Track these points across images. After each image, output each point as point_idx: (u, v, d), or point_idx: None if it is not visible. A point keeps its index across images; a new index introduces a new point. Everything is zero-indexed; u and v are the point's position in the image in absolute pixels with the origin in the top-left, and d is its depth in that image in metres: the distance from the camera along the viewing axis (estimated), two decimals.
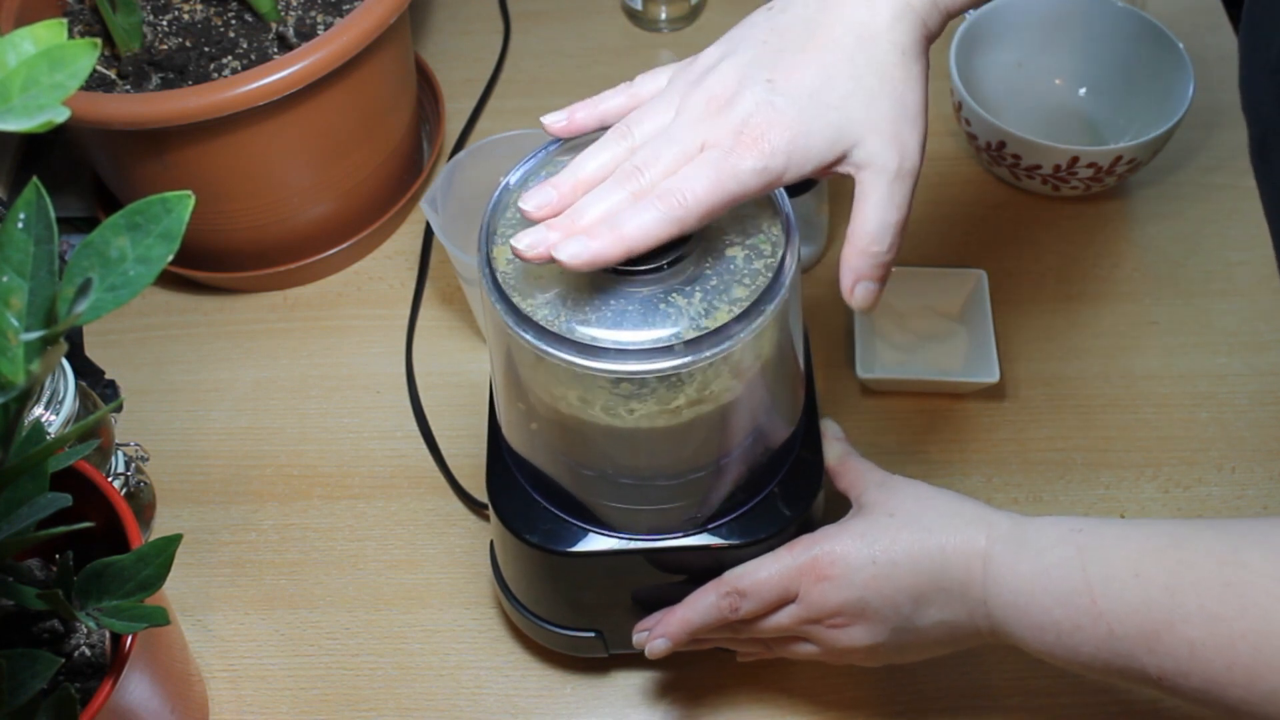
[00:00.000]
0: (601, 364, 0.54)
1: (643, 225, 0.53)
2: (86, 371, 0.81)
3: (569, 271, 0.55)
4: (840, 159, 0.55)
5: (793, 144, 0.54)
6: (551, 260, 0.53)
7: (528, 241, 0.54)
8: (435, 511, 0.83)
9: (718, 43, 0.58)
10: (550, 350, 0.54)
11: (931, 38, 0.58)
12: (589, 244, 0.52)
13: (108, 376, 0.82)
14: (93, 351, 0.83)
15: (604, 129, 0.58)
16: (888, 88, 0.55)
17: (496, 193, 0.60)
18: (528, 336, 0.55)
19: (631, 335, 0.54)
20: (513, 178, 0.60)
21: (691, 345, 0.54)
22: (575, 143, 0.60)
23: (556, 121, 0.60)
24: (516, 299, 0.55)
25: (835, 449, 0.68)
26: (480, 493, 0.81)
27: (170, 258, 0.45)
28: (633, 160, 0.55)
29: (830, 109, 0.54)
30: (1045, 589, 0.57)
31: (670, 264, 0.55)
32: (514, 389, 0.61)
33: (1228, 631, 0.51)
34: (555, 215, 0.55)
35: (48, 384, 0.70)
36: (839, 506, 0.67)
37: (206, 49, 0.86)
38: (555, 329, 0.54)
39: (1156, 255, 0.93)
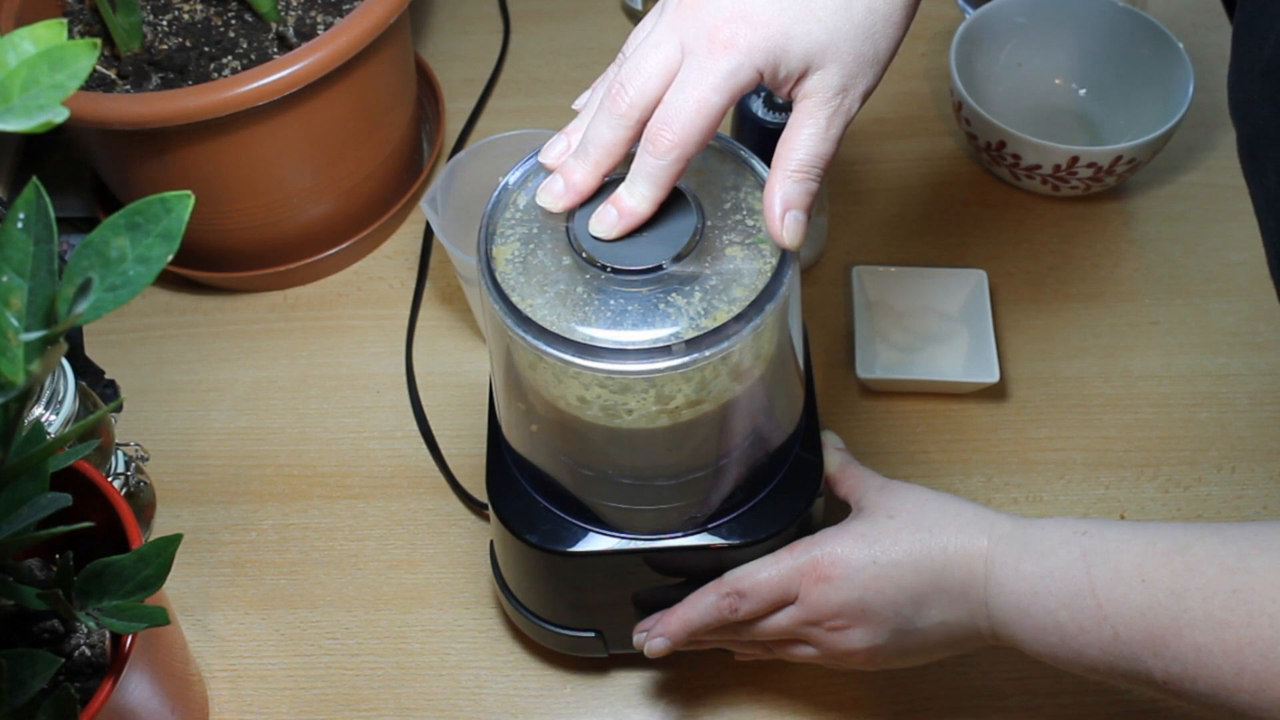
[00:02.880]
0: (600, 364, 0.54)
1: (643, 196, 0.55)
2: (86, 371, 0.81)
3: (567, 271, 0.55)
4: (803, 76, 0.55)
5: (770, 43, 0.53)
6: (574, 207, 0.56)
7: (548, 198, 0.56)
8: (435, 511, 0.83)
9: None
10: (549, 350, 0.54)
11: None
12: (617, 222, 0.55)
13: (108, 376, 0.82)
14: (93, 351, 0.83)
15: None
16: (868, 24, 0.55)
17: (496, 192, 0.59)
18: (527, 336, 0.54)
19: (630, 335, 0.54)
20: (512, 177, 0.60)
21: (690, 345, 0.54)
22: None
23: (583, 100, 0.60)
24: (516, 299, 0.55)
25: (835, 458, 0.68)
26: (480, 493, 0.81)
27: (170, 257, 0.45)
28: (618, 76, 0.55)
29: (815, 21, 0.54)
30: (1049, 591, 0.57)
31: (671, 262, 0.55)
32: (514, 389, 0.61)
33: (1235, 638, 0.51)
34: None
35: (48, 384, 0.70)
36: (838, 512, 0.67)
37: (206, 49, 0.86)
38: (554, 329, 0.54)
39: (1156, 255, 0.93)
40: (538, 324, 0.54)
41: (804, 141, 0.55)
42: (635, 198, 0.55)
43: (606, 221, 0.55)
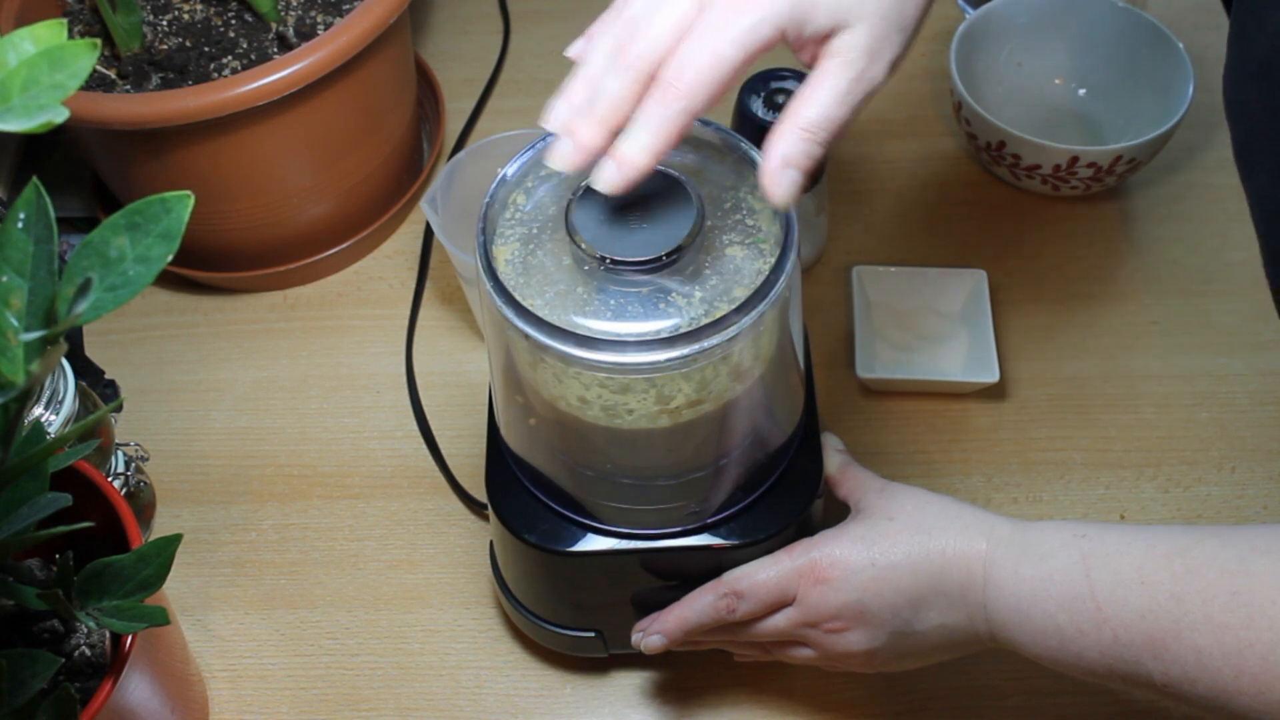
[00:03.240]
0: (600, 355, 0.53)
1: (643, 145, 0.51)
2: (86, 371, 0.81)
3: (567, 271, 0.55)
4: (828, 37, 0.52)
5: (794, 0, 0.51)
6: (583, 167, 0.53)
7: (557, 160, 0.53)
8: (435, 511, 0.83)
9: None
10: (549, 343, 0.54)
11: None
12: (616, 174, 0.52)
13: (108, 376, 0.82)
14: (93, 351, 0.83)
15: None
16: None
17: (494, 184, 0.59)
18: (527, 329, 0.54)
19: (631, 327, 0.54)
20: (510, 169, 0.60)
21: (690, 337, 0.53)
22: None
23: (576, 47, 0.57)
24: (516, 296, 0.55)
25: (835, 459, 0.68)
26: (480, 493, 0.81)
27: (170, 257, 0.45)
28: (628, 26, 0.52)
29: None
30: (1048, 593, 0.57)
31: (670, 254, 0.55)
32: (513, 389, 0.61)
33: (1235, 640, 0.51)
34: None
35: (48, 384, 0.70)
36: (838, 514, 0.67)
37: (206, 49, 0.86)
38: (555, 322, 0.54)
39: (1156, 255, 0.93)
40: (537, 316, 0.54)
41: (819, 99, 0.52)
42: (634, 146, 0.52)
43: (605, 175, 0.52)
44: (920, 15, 0.54)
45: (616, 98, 0.52)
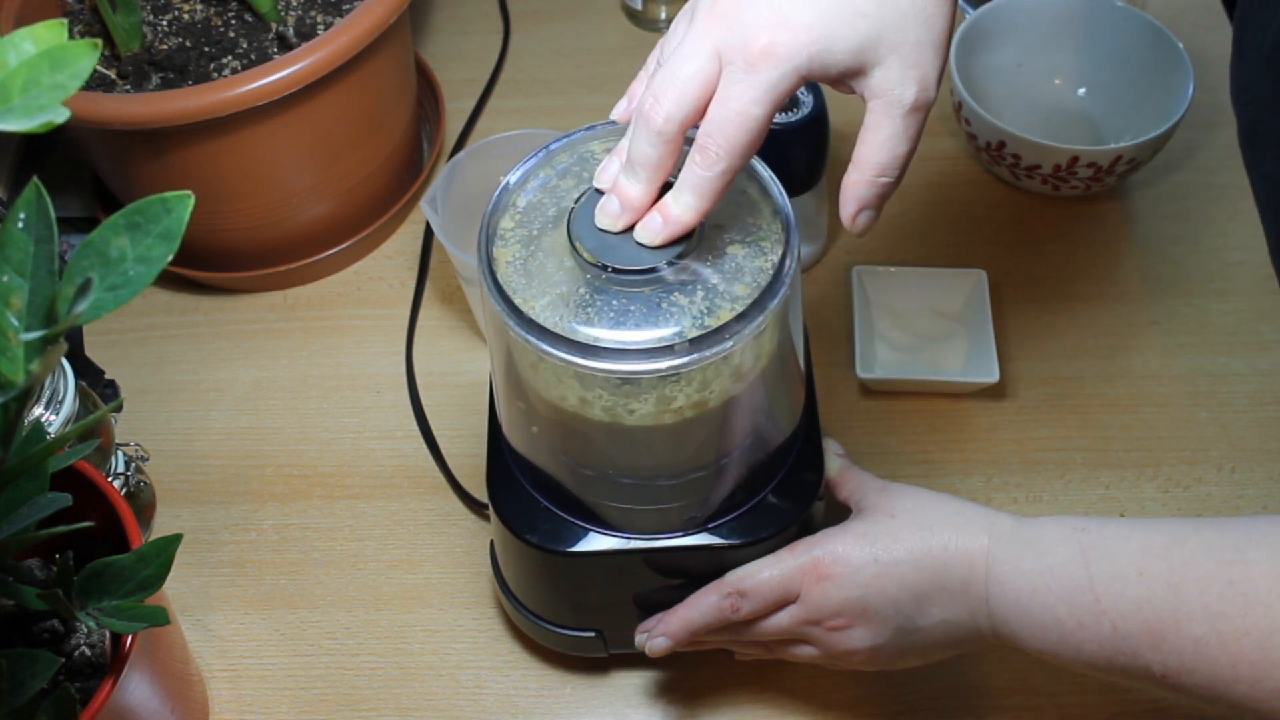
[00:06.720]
0: (603, 364, 0.54)
1: (689, 206, 0.54)
2: (86, 371, 0.81)
3: (569, 273, 0.55)
4: (858, 73, 0.53)
5: (812, 49, 0.52)
6: (630, 225, 0.56)
7: (606, 220, 0.56)
8: (435, 511, 0.83)
9: None
10: (551, 350, 0.54)
11: None
12: (662, 229, 0.55)
13: (108, 376, 0.82)
14: (93, 351, 0.83)
15: None
16: (919, 7, 0.53)
17: (496, 193, 0.59)
18: (529, 337, 0.54)
19: (633, 335, 0.54)
20: (512, 177, 0.60)
21: (693, 344, 0.53)
22: (583, 137, 0.61)
23: (620, 109, 0.60)
24: (518, 301, 0.55)
25: (835, 462, 0.68)
26: (480, 493, 0.81)
27: (170, 257, 0.45)
28: (650, 88, 0.54)
29: (861, 16, 0.52)
30: (1048, 587, 0.57)
31: (671, 261, 0.55)
32: (514, 389, 0.61)
33: (1232, 629, 0.51)
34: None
35: (48, 384, 0.70)
36: (838, 517, 0.67)
37: (206, 49, 0.86)
38: (556, 329, 0.54)
39: (1156, 255, 0.93)
40: (540, 324, 0.54)
41: (883, 144, 0.54)
42: (681, 207, 0.54)
43: (652, 228, 0.55)
44: (948, 25, 0.55)
45: (653, 160, 0.54)
